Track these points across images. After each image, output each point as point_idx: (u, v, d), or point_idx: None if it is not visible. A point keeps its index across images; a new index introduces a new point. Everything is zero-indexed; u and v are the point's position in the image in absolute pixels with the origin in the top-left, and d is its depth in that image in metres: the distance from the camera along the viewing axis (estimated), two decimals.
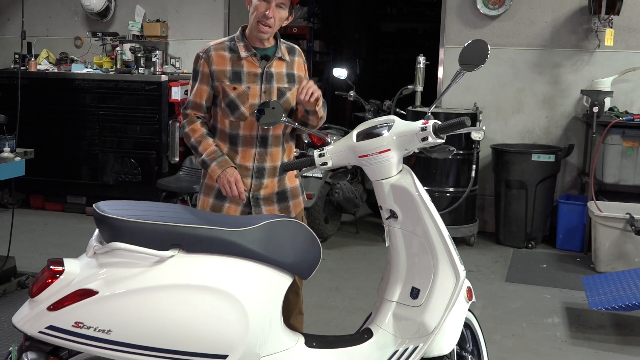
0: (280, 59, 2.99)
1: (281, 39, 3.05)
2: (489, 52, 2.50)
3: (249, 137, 2.96)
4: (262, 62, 2.95)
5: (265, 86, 2.94)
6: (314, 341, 2.48)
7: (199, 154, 2.97)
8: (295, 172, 3.01)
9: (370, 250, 5.80)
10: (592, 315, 4.38)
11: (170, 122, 6.44)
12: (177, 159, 6.48)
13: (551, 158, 5.81)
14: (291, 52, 3.06)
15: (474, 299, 2.64)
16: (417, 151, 2.58)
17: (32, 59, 6.99)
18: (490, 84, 6.35)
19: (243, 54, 2.94)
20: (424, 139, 2.45)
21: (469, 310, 2.65)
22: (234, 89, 2.93)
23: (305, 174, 3.06)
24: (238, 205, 2.99)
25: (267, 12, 2.87)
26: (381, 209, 2.58)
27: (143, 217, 2.17)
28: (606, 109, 5.79)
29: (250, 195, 2.99)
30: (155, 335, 2.10)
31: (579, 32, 6.10)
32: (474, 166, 5.82)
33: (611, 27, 5.89)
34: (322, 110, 3.01)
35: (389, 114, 6.26)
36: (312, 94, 2.87)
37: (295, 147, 3.24)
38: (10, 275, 4.53)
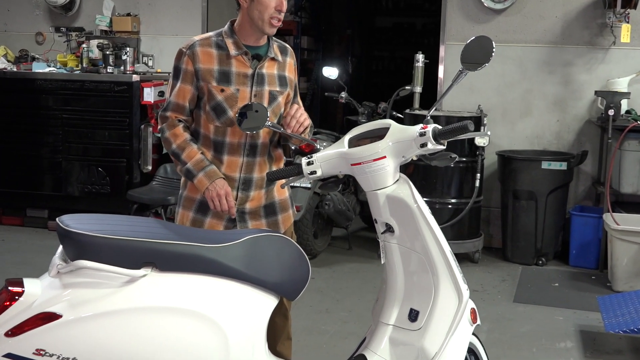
0: (273, 59, 2.99)
1: (273, 37, 3.04)
2: (494, 49, 2.52)
3: (236, 145, 2.96)
4: (253, 62, 2.95)
5: (256, 89, 2.94)
6: None
7: (182, 163, 2.95)
8: (282, 182, 3.00)
9: (364, 268, 5.79)
10: (608, 339, 4.39)
11: (143, 126, 6.43)
12: (149, 167, 6.46)
13: (563, 166, 5.84)
14: (283, 51, 3.06)
15: (478, 322, 2.64)
16: (415, 158, 2.58)
17: None
18: (496, 84, 6.38)
19: (233, 51, 2.93)
20: (423, 145, 2.45)
21: (473, 334, 2.65)
22: (222, 90, 2.92)
23: (292, 184, 3.06)
24: (221, 220, 2.99)
25: (283, 7, 2.89)
26: (376, 222, 2.58)
27: (112, 232, 2.16)
28: (623, 111, 5.82)
29: (235, 209, 2.99)
30: None
31: (593, 27, 6.15)
32: (478, 175, 5.84)
33: (628, 22, 5.94)
34: (308, 136, 3.03)
35: (384, 117, 6.27)
36: (302, 124, 2.89)
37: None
38: None
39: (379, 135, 2.55)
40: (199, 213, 2.99)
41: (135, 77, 6.44)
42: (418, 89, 6.09)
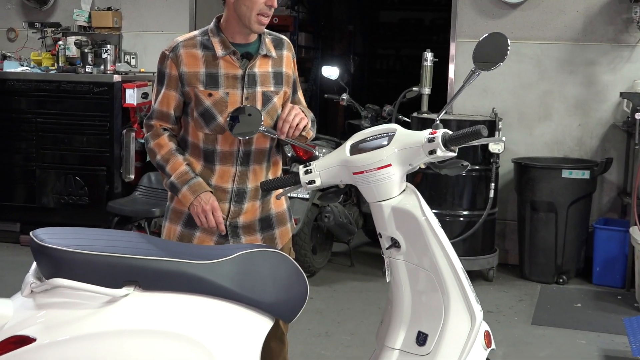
0: (265, 56, 2.99)
1: (265, 30, 3.03)
2: (510, 47, 2.53)
3: (228, 153, 2.96)
4: (242, 62, 2.95)
5: (247, 91, 2.94)
6: None
7: (166, 175, 2.95)
8: (278, 192, 3.00)
9: (367, 287, 5.79)
10: None
11: (124, 131, 6.43)
12: (132, 176, 6.46)
13: (585, 175, 5.85)
14: (278, 45, 3.05)
15: (493, 346, 2.64)
16: (423, 167, 2.59)
17: None
18: (512, 85, 6.39)
19: (220, 52, 2.93)
20: (432, 151, 2.46)
21: (488, 359, 2.65)
22: (209, 95, 2.92)
23: (289, 195, 3.06)
24: (212, 235, 2.99)
25: (274, 2, 2.89)
26: (380, 236, 2.58)
27: (91, 247, 2.16)
28: None
29: (227, 223, 2.99)
30: None
31: (618, 23, 6.17)
32: (493, 185, 5.84)
33: None
34: (311, 132, 3.01)
35: (389, 121, 6.28)
36: (297, 125, 2.88)
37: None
38: None
39: (383, 141, 2.55)
40: (187, 227, 2.99)
41: (117, 78, 6.44)
42: (426, 91, 6.10)
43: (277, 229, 3.07)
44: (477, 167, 5.84)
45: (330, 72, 6.42)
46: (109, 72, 6.68)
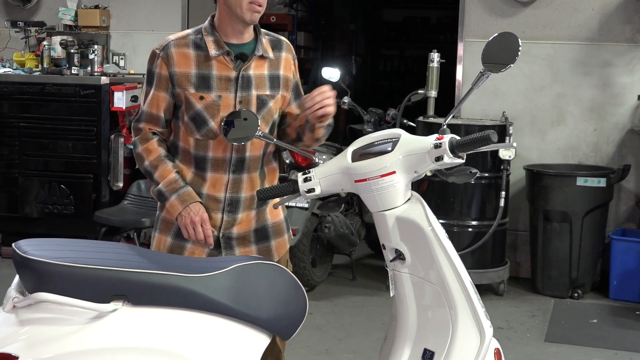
0: (262, 57, 2.99)
1: (263, 31, 3.03)
2: (521, 47, 2.53)
3: (220, 160, 2.96)
4: (237, 63, 2.95)
5: (241, 94, 2.94)
6: None
7: (154, 182, 2.96)
8: (274, 201, 3.00)
9: (370, 301, 5.79)
10: None
11: (113, 136, 6.44)
12: (120, 184, 6.47)
13: (601, 182, 5.85)
14: (276, 46, 3.04)
15: None
16: (429, 174, 2.59)
17: None
18: (523, 88, 6.40)
19: (213, 52, 2.93)
20: (439, 158, 2.46)
21: None
22: (201, 98, 2.93)
23: (287, 204, 3.06)
24: (204, 247, 2.99)
25: None
26: (384, 248, 2.58)
27: (76, 259, 2.16)
28: None
29: (220, 235, 2.99)
30: None
31: (635, 21, 6.18)
32: (503, 193, 5.84)
33: None
34: (322, 131, 3.00)
35: (393, 126, 6.28)
36: (324, 107, 2.84)
37: None
38: None
39: (387, 147, 2.55)
40: (178, 238, 2.99)
41: (104, 80, 6.45)
42: (433, 94, 6.10)
43: (273, 240, 3.07)
44: (486, 175, 5.84)
45: (331, 73, 6.42)
46: (96, 73, 6.69)
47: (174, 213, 2.91)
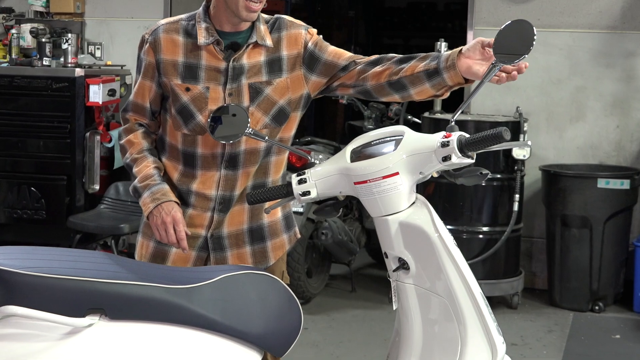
0: (257, 45, 2.99)
1: (262, 16, 3.01)
2: (536, 36, 2.54)
3: (209, 157, 2.97)
4: (227, 53, 2.95)
5: (230, 86, 2.94)
6: None
7: (133, 177, 2.98)
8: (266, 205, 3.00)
9: (371, 315, 5.79)
10: None
11: (88, 134, 6.43)
12: (97, 187, 6.46)
13: (625, 185, 5.86)
14: (276, 29, 3.01)
15: None
16: (436, 175, 2.60)
17: None
18: (539, 80, 6.41)
19: (202, 40, 2.94)
20: (446, 158, 2.46)
21: None
22: (187, 89, 2.94)
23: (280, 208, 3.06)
24: (191, 250, 3.00)
25: None
26: (386, 257, 2.59)
27: (49, 269, 2.16)
28: None
29: (209, 235, 3.00)
30: None
31: None
32: (517, 196, 5.85)
33: None
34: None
35: (397, 122, 6.29)
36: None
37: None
38: None
39: (389, 145, 2.56)
40: (161, 242, 2.99)
41: (79, 72, 6.44)
42: None
43: (269, 240, 3.08)
44: (498, 176, 5.85)
45: None
46: (69, 65, 6.67)
47: (146, 212, 2.92)
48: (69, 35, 6.78)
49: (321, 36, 3.10)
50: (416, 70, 2.82)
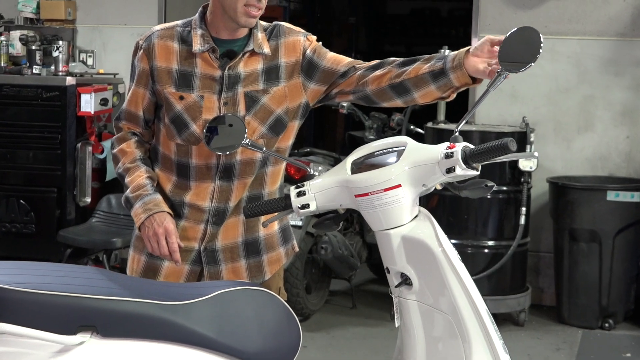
0: (254, 53, 2.99)
1: (260, 23, 3.01)
2: (543, 43, 2.54)
3: (204, 168, 2.97)
4: (223, 61, 2.96)
5: (226, 95, 2.95)
6: None
7: (125, 188, 2.98)
8: (264, 218, 3.00)
9: (372, 333, 5.78)
10: None
11: (79, 145, 6.43)
12: (88, 199, 6.46)
13: (635, 197, 5.86)
14: (274, 36, 3.02)
15: None
16: (439, 188, 2.60)
17: None
18: (546, 89, 6.41)
19: (197, 47, 2.94)
20: (450, 170, 2.46)
21: None
22: (181, 98, 2.94)
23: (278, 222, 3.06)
24: (183, 264, 2.99)
25: None
26: (388, 272, 2.58)
27: (38, 285, 2.16)
28: None
29: (202, 248, 3.00)
30: None
31: None
32: (524, 209, 5.85)
33: None
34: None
35: (399, 133, 6.29)
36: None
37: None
38: None
39: (391, 157, 2.56)
40: (153, 256, 2.99)
41: (70, 80, 6.44)
42: None
43: (265, 254, 3.07)
44: (504, 189, 5.85)
45: None
46: (60, 73, 6.68)
47: (137, 223, 2.91)
48: (60, 42, 6.79)
49: (320, 43, 3.10)
50: (420, 72, 2.81)
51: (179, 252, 2.89)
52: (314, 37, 3.09)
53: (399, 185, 2.50)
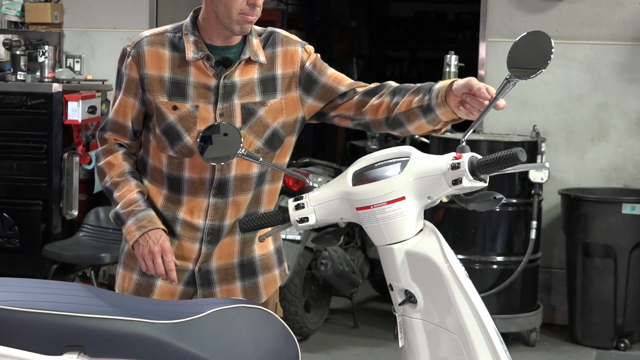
0: (250, 61, 3.00)
1: (255, 29, 3.01)
2: (554, 49, 2.55)
3: (198, 182, 2.96)
4: (218, 70, 2.96)
5: (222, 105, 2.95)
6: None
7: (114, 203, 2.97)
8: (261, 232, 3.00)
9: (374, 353, 5.78)
10: None
11: (66, 155, 6.43)
12: (75, 212, 6.46)
13: None
14: (270, 44, 3.02)
15: None
16: (445, 200, 2.60)
17: None
18: (557, 97, 6.42)
19: (191, 55, 2.94)
20: (457, 181, 2.46)
21: None
22: (174, 108, 2.93)
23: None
24: (177, 284, 2.99)
25: (257, 0, 2.85)
26: (392, 289, 2.58)
27: (23, 303, 2.16)
28: None
29: (197, 269, 2.99)
30: None
31: None
32: (535, 223, 5.85)
33: None
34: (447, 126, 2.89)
35: (403, 142, 6.30)
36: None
37: None
38: None
39: (395, 167, 2.56)
40: (145, 274, 2.99)
41: (57, 87, 6.45)
42: None
43: (261, 276, 3.08)
44: (514, 201, 5.85)
45: None
46: (46, 80, 6.69)
47: (131, 241, 2.91)
48: (46, 47, 6.80)
49: (319, 55, 3.10)
50: (411, 105, 2.83)
51: (174, 271, 2.90)
52: (312, 48, 3.09)
53: (403, 198, 2.50)
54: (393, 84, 2.96)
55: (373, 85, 2.99)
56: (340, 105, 3.00)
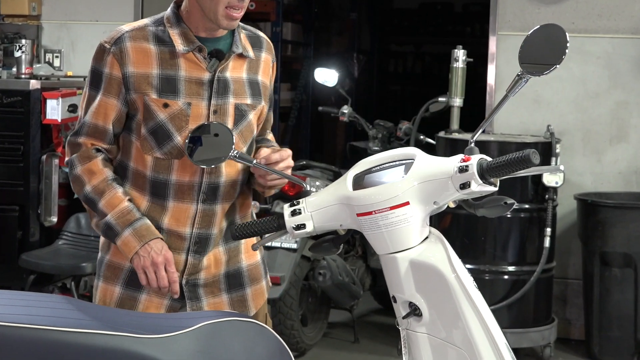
0: (241, 55, 3.01)
1: (240, 23, 3.03)
2: (569, 43, 2.55)
3: (186, 186, 2.97)
4: (211, 62, 2.97)
5: (216, 102, 2.95)
6: None
7: (99, 214, 2.96)
8: (253, 240, 3.01)
9: None
10: None
11: (45, 157, 6.44)
12: (54, 219, 6.46)
13: None
14: (256, 44, 3.07)
15: None
16: (453, 205, 2.60)
17: None
18: (573, 94, 6.43)
19: (180, 47, 2.94)
20: (465, 185, 2.47)
21: None
22: (165, 105, 2.93)
23: (269, 244, 3.07)
24: (163, 298, 3.00)
25: None
26: (395, 301, 2.59)
27: None
28: None
29: (184, 282, 3.00)
30: None
31: None
32: (549, 230, 5.86)
33: None
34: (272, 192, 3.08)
35: (407, 143, 6.31)
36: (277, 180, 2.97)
37: (253, 199, 3.26)
38: None
39: (398, 171, 2.57)
40: (129, 287, 3.00)
41: (35, 84, 6.45)
42: (457, 102, 6.13)
43: (249, 287, 3.09)
44: (526, 207, 5.86)
45: (326, 76, 6.45)
46: (23, 76, 6.70)
47: (129, 252, 2.90)
48: (23, 41, 6.81)
49: None
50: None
51: (178, 282, 2.91)
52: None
53: (407, 203, 2.51)
54: (266, 139, 3.19)
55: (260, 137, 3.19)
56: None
